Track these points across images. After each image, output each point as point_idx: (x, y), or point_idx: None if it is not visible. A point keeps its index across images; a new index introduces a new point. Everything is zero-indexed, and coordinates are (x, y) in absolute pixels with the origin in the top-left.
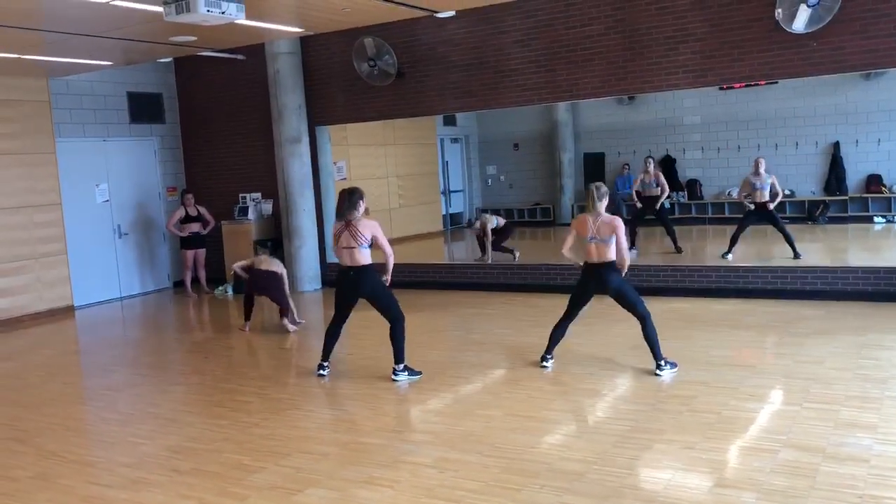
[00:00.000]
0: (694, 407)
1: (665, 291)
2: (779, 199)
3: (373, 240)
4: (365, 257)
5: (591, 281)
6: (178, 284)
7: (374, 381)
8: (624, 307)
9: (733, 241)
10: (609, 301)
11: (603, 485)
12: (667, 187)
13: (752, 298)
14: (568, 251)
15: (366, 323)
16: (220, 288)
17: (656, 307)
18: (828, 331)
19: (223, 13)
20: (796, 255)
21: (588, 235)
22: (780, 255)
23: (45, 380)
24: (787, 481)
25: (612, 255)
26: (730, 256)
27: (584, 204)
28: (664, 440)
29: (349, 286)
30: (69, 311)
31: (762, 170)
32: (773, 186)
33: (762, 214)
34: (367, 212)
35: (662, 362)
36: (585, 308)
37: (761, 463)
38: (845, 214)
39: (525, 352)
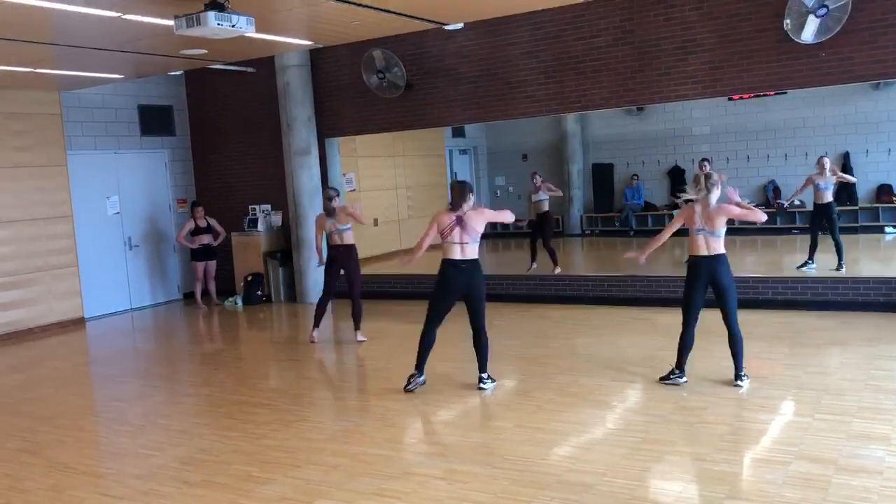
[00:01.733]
0: (705, 418)
1: (675, 302)
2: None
3: (489, 224)
4: (476, 251)
5: (703, 277)
6: (188, 296)
7: (384, 393)
8: (721, 307)
9: (812, 249)
10: (619, 311)
11: (613, 497)
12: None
13: (762, 309)
14: (658, 242)
15: (373, 334)
16: (231, 299)
17: (667, 319)
18: (839, 341)
19: (233, 26)
20: (839, 266)
21: (696, 227)
22: (789, 265)
23: (56, 391)
24: (799, 493)
25: (722, 247)
26: (813, 266)
27: (592, 215)
28: (675, 452)
29: (462, 278)
30: (80, 322)
31: (828, 169)
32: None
33: (822, 215)
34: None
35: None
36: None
37: (773, 475)
38: (856, 224)
39: (535, 363)
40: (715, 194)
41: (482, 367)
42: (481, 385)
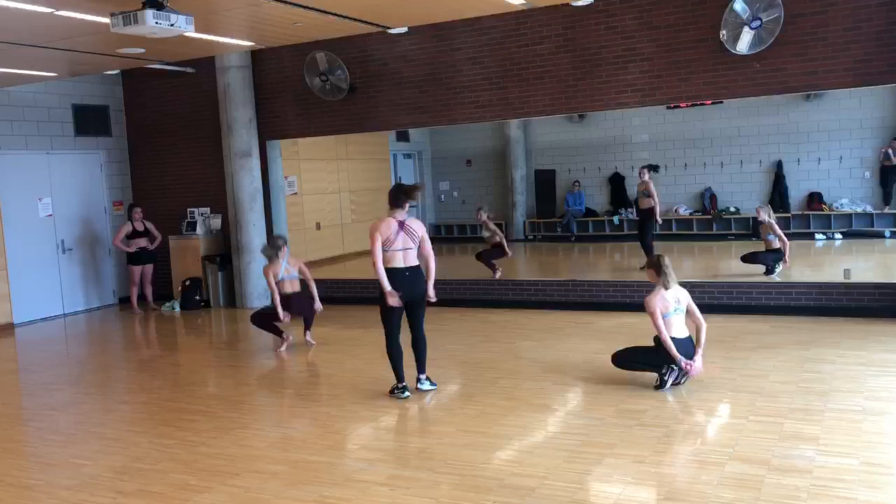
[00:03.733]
0: (643, 421)
1: (614, 307)
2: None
3: (421, 240)
4: (416, 257)
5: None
6: (124, 301)
7: (326, 399)
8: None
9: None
10: (562, 315)
11: (554, 500)
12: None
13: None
14: (668, 337)
15: (316, 340)
16: (168, 304)
17: (606, 322)
18: (772, 345)
19: (172, 25)
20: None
21: (672, 309)
22: (725, 270)
23: None
24: (733, 493)
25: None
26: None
27: (535, 220)
28: (614, 454)
29: (407, 286)
30: (8, 328)
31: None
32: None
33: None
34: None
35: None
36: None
37: (709, 476)
38: (788, 231)
39: (478, 368)
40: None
41: (422, 368)
42: (420, 386)
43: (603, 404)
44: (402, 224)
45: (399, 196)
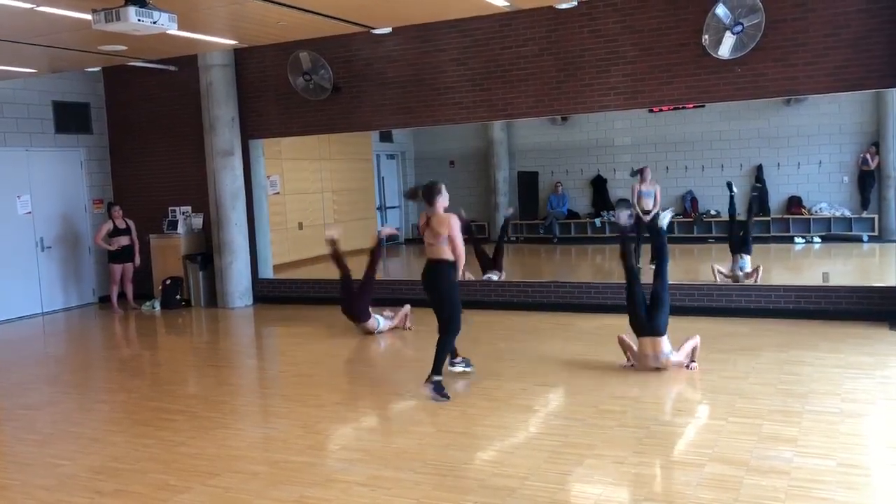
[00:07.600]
0: (624, 422)
1: (596, 308)
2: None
3: (449, 237)
4: (443, 252)
5: None
6: (104, 300)
7: (306, 399)
8: None
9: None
10: (543, 316)
11: (535, 500)
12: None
13: (679, 315)
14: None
15: (297, 340)
16: (148, 303)
17: (587, 324)
18: (752, 347)
19: (154, 23)
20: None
21: None
22: (706, 273)
23: None
24: (712, 494)
25: None
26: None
27: (517, 222)
28: (595, 455)
29: (426, 281)
30: None
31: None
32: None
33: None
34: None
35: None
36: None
37: (688, 477)
38: (768, 235)
39: None
40: None
41: (434, 369)
42: (423, 387)
43: (583, 405)
44: (428, 219)
45: (426, 195)
